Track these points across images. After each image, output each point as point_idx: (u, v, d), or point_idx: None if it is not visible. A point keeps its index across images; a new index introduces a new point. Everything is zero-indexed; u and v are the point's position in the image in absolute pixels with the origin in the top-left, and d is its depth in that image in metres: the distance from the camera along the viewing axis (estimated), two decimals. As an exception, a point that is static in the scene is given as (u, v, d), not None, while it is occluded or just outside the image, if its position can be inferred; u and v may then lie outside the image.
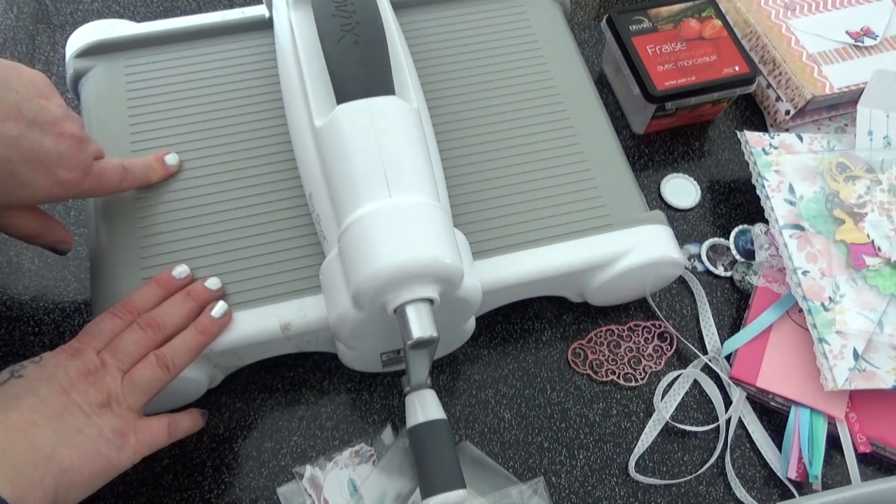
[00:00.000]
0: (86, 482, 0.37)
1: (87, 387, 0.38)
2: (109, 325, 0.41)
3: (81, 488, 0.37)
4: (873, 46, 0.63)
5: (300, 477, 0.47)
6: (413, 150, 0.43)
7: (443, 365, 0.53)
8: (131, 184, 0.46)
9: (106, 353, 0.40)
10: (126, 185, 0.46)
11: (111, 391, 0.39)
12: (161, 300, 0.44)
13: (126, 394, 0.40)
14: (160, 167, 0.48)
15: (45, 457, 0.35)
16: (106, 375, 0.39)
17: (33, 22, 0.65)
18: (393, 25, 0.49)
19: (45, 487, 0.34)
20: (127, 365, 0.40)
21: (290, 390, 0.51)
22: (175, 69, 0.53)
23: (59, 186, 0.40)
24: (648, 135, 0.64)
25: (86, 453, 0.36)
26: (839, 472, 0.51)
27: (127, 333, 0.41)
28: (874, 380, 0.49)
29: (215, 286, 0.44)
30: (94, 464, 0.37)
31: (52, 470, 0.35)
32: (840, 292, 0.51)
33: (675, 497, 0.49)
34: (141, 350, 0.41)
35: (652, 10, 0.62)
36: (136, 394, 0.40)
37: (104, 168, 0.44)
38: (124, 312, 0.42)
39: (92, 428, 0.37)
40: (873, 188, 0.56)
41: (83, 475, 0.36)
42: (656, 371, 0.53)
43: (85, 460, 0.36)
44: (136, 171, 0.46)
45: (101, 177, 0.43)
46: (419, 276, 0.39)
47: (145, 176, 0.47)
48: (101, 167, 0.43)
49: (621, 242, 0.48)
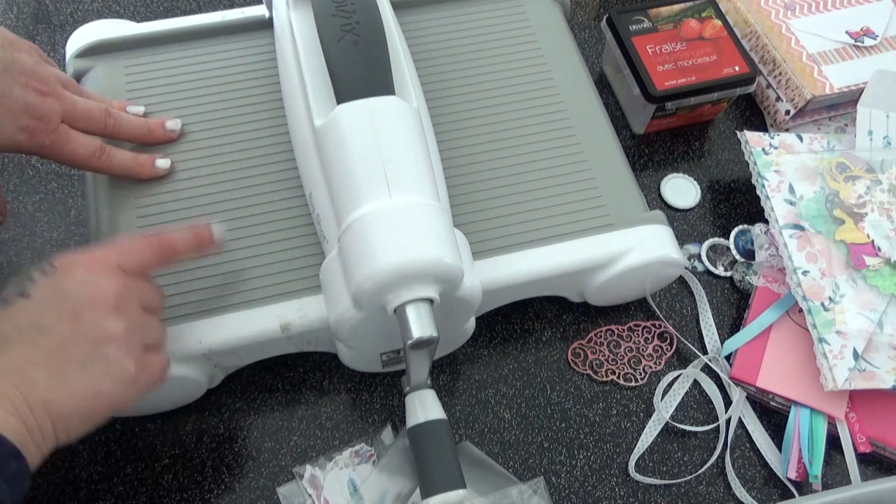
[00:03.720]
0: (86, 421, 0.35)
1: (102, 315, 0.35)
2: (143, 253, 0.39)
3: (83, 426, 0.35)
4: (873, 46, 0.63)
5: (300, 477, 0.47)
6: (413, 150, 0.43)
7: (443, 365, 0.53)
8: (107, 167, 0.46)
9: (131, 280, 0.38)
10: (99, 166, 0.45)
11: (129, 324, 0.36)
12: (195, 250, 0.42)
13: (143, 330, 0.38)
14: (149, 163, 0.48)
15: (41, 401, 0.33)
16: (127, 305, 0.37)
17: (33, 22, 0.65)
18: (393, 25, 0.49)
19: (44, 430, 0.33)
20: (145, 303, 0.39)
21: (290, 390, 0.51)
22: (175, 69, 0.53)
23: (22, 133, 0.41)
24: (648, 135, 0.64)
25: (84, 395, 0.35)
26: (839, 472, 0.51)
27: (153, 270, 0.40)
28: (874, 380, 0.49)
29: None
30: (94, 405, 0.35)
31: (50, 415, 0.34)
32: (840, 292, 0.51)
33: (675, 497, 0.49)
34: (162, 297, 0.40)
35: (652, 10, 0.62)
36: (152, 332, 0.39)
37: (74, 136, 0.44)
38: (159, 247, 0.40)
39: (97, 364, 0.35)
40: (873, 188, 0.56)
41: (82, 416, 0.35)
42: (656, 371, 0.53)
43: (83, 402, 0.35)
44: (117, 159, 0.46)
45: (67, 140, 0.44)
46: (419, 276, 0.39)
47: (126, 167, 0.47)
48: (68, 131, 0.44)
49: (621, 242, 0.48)
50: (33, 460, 0.33)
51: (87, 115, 0.45)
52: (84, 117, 0.45)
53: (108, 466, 0.47)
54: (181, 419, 0.49)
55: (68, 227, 0.55)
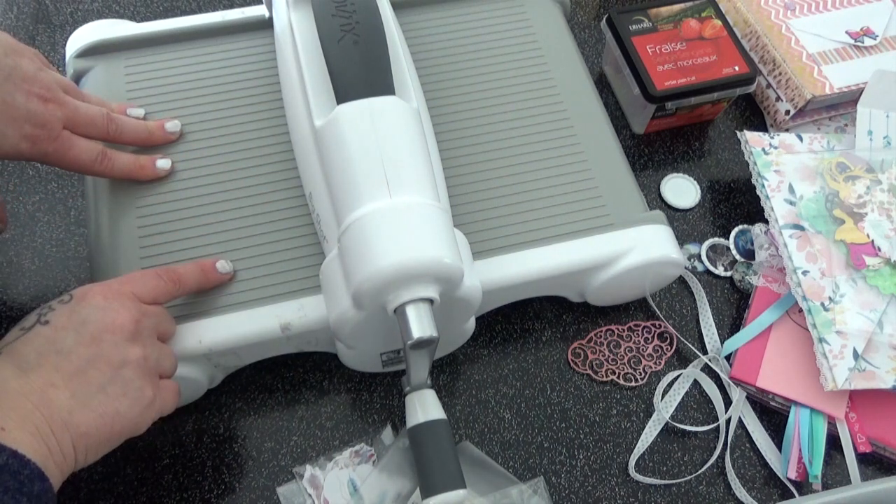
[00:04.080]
0: (104, 443, 0.36)
1: (121, 340, 0.37)
2: (156, 283, 0.41)
3: (101, 448, 0.36)
4: (873, 46, 0.63)
5: (300, 477, 0.47)
6: (413, 150, 0.42)
7: (443, 365, 0.53)
8: (108, 171, 0.46)
9: (146, 308, 0.39)
10: (101, 170, 0.46)
11: (145, 350, 0.38)
12: (201, 285, 0.44)
13: (158, 357, 0.39)
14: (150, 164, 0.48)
15: (62, 422, 0.34)
16: (144, 331, 0.38)
17: (33, 22, 0.65)
18: (393, 25, 0.49)
19: (64, 451, 0.34)
20: (160, 330, 0.40)
21: (290, 390, 0.51)
22: (175, 69, 0.53)
23: (26, 141, 0.42)
24: (648, 135, 0.64)
25: (104, 415, 0.35)
26: (839, 472, 0.51)
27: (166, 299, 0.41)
28: (874, 380, 0.49)
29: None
30: (113, 426, 0.36)
31: (71, 434, 0.34)
32: (840, 292, 0.51)
33: (675, 497, 0.49)
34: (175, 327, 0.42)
35: (652, 10, 0.62)
36: (165, 359, 0.40)
37: (76, 142, 0.44)
38: (169, 280, 0.42)
39: (116, 385, 0.36)
40: (873, 188, 0.56)
41: (101, 437, 0.36)
42: (656, 371, 0.53)
43: (103, 422, 0.35)
44: (119, 163, 0.46)
45: (70, 146, 0.44)
46: (419, 276, 0.39)
47: (128, 170, 0.47)
48: (70, 137, 0.44)
49: (621, 242, 0.48)
50: (54, 482, 0.33)
51: (90, 120, 0.45)
52: (86, 123, 0.45)
53: (108, 466, 0.47)
54: (181, 419, 0.49)
55: (68, 228, 0.55)
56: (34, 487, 0.32)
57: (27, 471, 0.31)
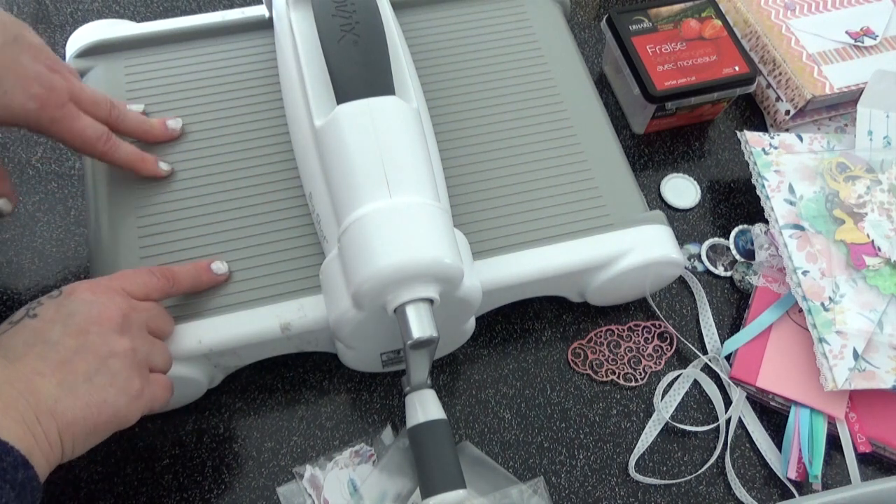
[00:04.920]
0: (91, 433, 0.36)
1: (108, 332, 0.37)
2: (147, 280, 0.41)
3: (88, 439, 0.36)
4: (873, 46, 0.63)
5: (300, 477, 0.47)
6: (413, 150, 0.43)
7: (443, 365, 0.53)
8: (111, 154, 0.46)
9: (136, 303, 0.39)
10: (104, 151, 0.46)
11: (133, 342, 0.38)
12: (196, 285, 0.44)
13: (149, 351, 0.39)
14: (152, 159, 0.48)
15: (48, 410, 0.34)
16: (133, 324, 0.38)
17: (33, 22, 0.65)
18: (393, 25, 0.49)
19: (51, 440, 0.34)
20: (153, 326, 0.40)
21: (290, 390, 0.51)
22: (175, 69, 0.53)
23: (33, 101, 0.42)
24: (648, 135, 0.64)
25: (90, 404, 0.35)
26: (839, 472, 0.51)
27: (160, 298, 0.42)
28: (874, 380, 0.49)
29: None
30: (99, 415, 0.36)
31: (57, 423, 0.34)
32: (840, 292, 0.51)
33: (675, 497, 0.49)
34: (172, 324, 0.42)
35: (652, 10, 0.62)
36: (157, 354, 0.40)
37: (82, 115, 0.44)
38: (162, 277, 0.42)
39: (103, 375, 0.36)
40: (873, 188, 0.56)
41: (88, 427, 0.35)
42: (656, 371, 0.54)
43: (89, 412, 0.35)
44: (122, 148, 0.46)
45: (76, 117, 0.44)
46: (419, 276, 0.39)
47: (130, 159, 0.47)
48: (76, 110, 0.44)
49: (621, 242, 0.48)
50: (40, 471, 0.33)
51: (93, 101, 0.45)
52: (90, 101, 0.45)
53: (108, 466, 0.47)
54: (181, 419, 0.49)
55: (68, 227, 0.55)
56: (18, 475, 0.31)
57: (10, 458, 0.31)
